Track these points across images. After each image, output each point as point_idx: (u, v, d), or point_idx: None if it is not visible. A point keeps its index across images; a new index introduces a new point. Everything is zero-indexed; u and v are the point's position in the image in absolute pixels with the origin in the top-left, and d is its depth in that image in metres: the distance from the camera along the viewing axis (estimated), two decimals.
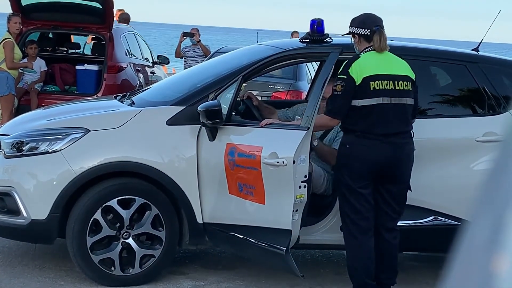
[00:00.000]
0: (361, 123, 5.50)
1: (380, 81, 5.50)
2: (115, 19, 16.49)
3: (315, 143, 6.18)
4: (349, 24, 5.75)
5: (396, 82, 5.54)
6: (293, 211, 5.47)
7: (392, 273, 5.81)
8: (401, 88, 5.56)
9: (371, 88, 5.48)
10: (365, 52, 5.61)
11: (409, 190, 5.71)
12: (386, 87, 5.51)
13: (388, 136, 5.53)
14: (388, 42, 5.86)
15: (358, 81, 5.45)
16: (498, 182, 1.26)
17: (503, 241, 1.19)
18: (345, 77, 5.47)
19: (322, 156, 6.27)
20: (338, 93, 5.48)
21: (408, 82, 5.60)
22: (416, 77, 5.68)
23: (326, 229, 6.23)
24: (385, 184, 5.61)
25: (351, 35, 5.73)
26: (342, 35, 5.94)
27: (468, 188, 6.10)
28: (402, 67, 5.64)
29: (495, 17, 7.00)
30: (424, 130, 6.05)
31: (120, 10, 16.64)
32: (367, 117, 5.49)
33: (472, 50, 6.94)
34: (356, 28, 5.67)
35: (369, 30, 5.62)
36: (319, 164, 6.30)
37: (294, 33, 16.94)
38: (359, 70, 5.48)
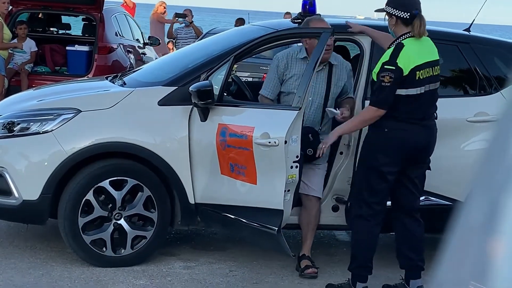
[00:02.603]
0: (402, 109, 5.43)
1: (423, 70, 5.46)
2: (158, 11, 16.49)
3: (338, 116, 5.98)
4: (385, 3, 5.58)
5: (433, 68, 5.52)
6: (285, 191, 5.48)
7: (422, 253, 5.79)
8: (436, 74, 5.56)
9: (417, 78, 5.43)
10: (405, 38, 5.47)
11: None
12: (427, 75, 5.48)
13: (424, 119, 5.54)
14: (377, 22, 5.84)
15: (406, 72, 5.37)
16: (494, 165, 1.26)
17: (498, 224, 1.20)
18: (394, 68, 5.35)
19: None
20: (386, 84, 5.35)
21: (438, 66, 5.59)
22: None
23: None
24: (412, 167, 5.60)
25: (385, 14, 5.58)
26: (376, 11, 5.78)
27: (459, 168, 6.12)
28: (435, 52, 5.59)
29: None
30: None
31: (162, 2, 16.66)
32: (409, 104, 5.44)
33: (464, 30, 6.94)
34: (395, 10, 5.49)
35: (408, 14, 5.46)
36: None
37: (286, 14, 16.90)
38: (407, 60, 5.38)
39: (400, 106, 5.42)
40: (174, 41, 16.27)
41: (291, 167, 5.49)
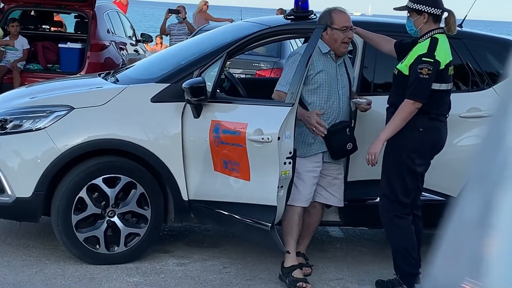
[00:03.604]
0: (434, 105, 5.43)
1: (451, 67, 5.52)
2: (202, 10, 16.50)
3: (364, 104, 5.92)
4: (411, 1, 5.53)
5: (452, 66, 5.57)
6: (278, 187, 5.48)
7: (419, 250, 5.80)
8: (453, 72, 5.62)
9: (449, 74, 5.48)
10: (436, 33, 5.47)
11: None
12: (452, 72, 5.55)
13: (446, 116, 5.60)
14: (372, 18, 5.83)
15: (443, 65, 5.39)
16: (488, 161, 1.26)
17: (492, 220, 1.20)
18: (432, 60, 5.35)
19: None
20: (424, 76, 5.33)
21: None
22: None
23: None
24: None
25: (408, 12, 5.56)
26: (396, 9, 5.70)
27: (452, 164, 6.13)
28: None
29: None
30: None
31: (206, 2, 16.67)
32: (439, 100, 5.46)
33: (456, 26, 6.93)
34: (428, 7, 5.47)
35: (440, 10, 5.49)
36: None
37: (278, 11, 16.88)
38: (444, 54, 5.41)
39: (432, 101, 5.43)
40: (163, 37, 16.27)
41: (284, 163, 5.48)
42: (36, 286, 5.62)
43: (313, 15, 6.31)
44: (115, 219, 6.06)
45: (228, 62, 7.01)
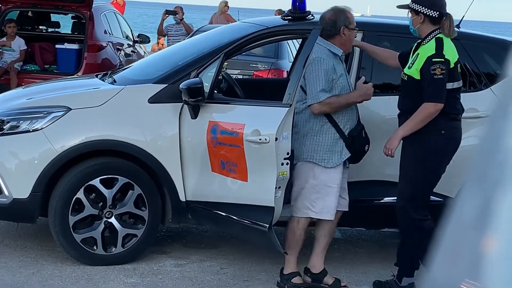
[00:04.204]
0: (450, 105, 5.43)
1: (459, 64, 5.54)
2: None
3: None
4: (412, 0, 5.53)
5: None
6: (276, 188, 5.47)
7: None
8: None
9: (458, 71, 5.50)
10: (438, 33, 5.47)
11: None
12: (459, 70, 5.57)
13: (461, 115, 5.62)
14: (370, 19, 5.82)
15: (452, 64, 5.40)
16: (486, 162, 1.26)
17: (491, 221, 1.19)
18: (443, 60, 5.35)
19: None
20: (439, 76, 5.32)
21: None
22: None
23: None
24: None
25: (408, 11, 5.56)
26: (398, 7, 5.69)
27: (450, 164, 6.12)
28: None
29: None
30: None
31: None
32: (454, 98, 5.48)
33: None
34: (425, 8, 5.47)
35: (438, 13, 5.47)
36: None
37: (276, 11, 16.89)
38: (452, 53, 5.41)
39: (448, 101, 5.41)
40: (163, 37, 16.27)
41: (282, 164, 5.47)
42: (33, 287, 5.61)
43: (310, 15, 6.30)
44: (113, 220, 6.05)
45: (226, 63, 7.01)
